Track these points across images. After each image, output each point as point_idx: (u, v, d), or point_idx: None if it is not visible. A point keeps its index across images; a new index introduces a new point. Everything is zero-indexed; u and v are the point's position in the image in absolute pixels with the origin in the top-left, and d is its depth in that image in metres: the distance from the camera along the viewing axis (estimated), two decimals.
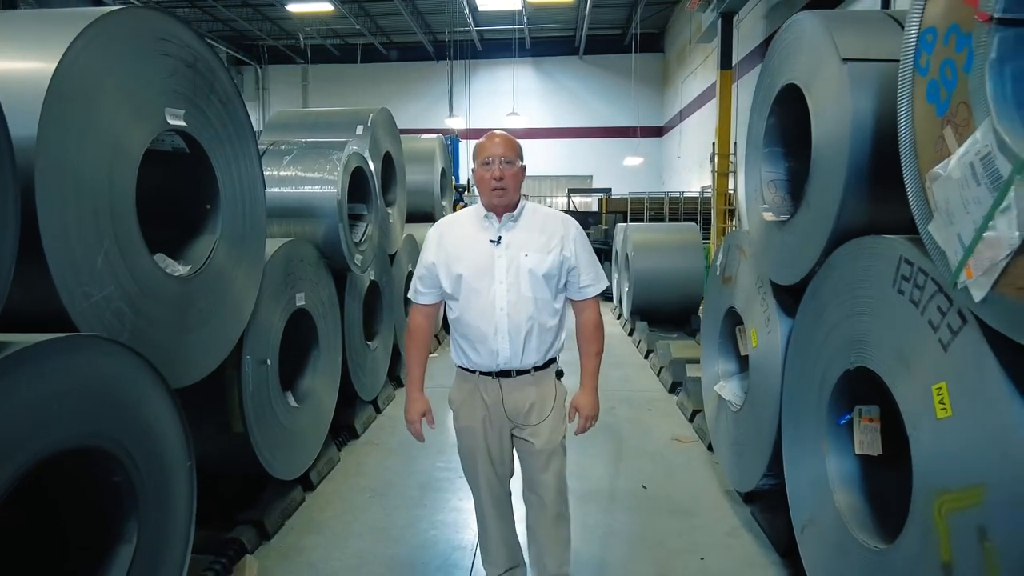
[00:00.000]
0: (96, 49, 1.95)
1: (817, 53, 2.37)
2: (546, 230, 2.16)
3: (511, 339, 2.11)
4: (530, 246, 2.12)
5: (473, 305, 2.13)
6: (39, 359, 1.56)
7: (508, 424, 2.21)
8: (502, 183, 2.09)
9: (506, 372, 2.17)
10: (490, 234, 2.14)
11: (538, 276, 2.10)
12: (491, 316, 2.11)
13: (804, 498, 2.50)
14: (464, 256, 2.14)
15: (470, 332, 2.15)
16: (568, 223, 2.22)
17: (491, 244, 2.13)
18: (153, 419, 2.02)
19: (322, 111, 5.67)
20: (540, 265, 2.10)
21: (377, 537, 3.18)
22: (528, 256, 2.10)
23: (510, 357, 2.13)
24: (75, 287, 1.88)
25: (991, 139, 1.42)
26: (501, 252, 2.12)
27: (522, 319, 2.11)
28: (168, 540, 2.10)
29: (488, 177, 2.09)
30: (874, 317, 2.00)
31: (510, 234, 2.14)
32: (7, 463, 1.47)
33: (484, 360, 2.16)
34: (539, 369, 2.19)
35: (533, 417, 2.19)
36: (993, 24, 1.44)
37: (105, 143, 2.00)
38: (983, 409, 1.50)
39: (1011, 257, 1.37)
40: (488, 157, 2.11)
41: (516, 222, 2.16)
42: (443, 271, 2.17)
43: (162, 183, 2.59)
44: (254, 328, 2.95)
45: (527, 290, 2.10)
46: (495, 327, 2.11)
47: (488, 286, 2.11)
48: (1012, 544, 1.39)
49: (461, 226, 2.22)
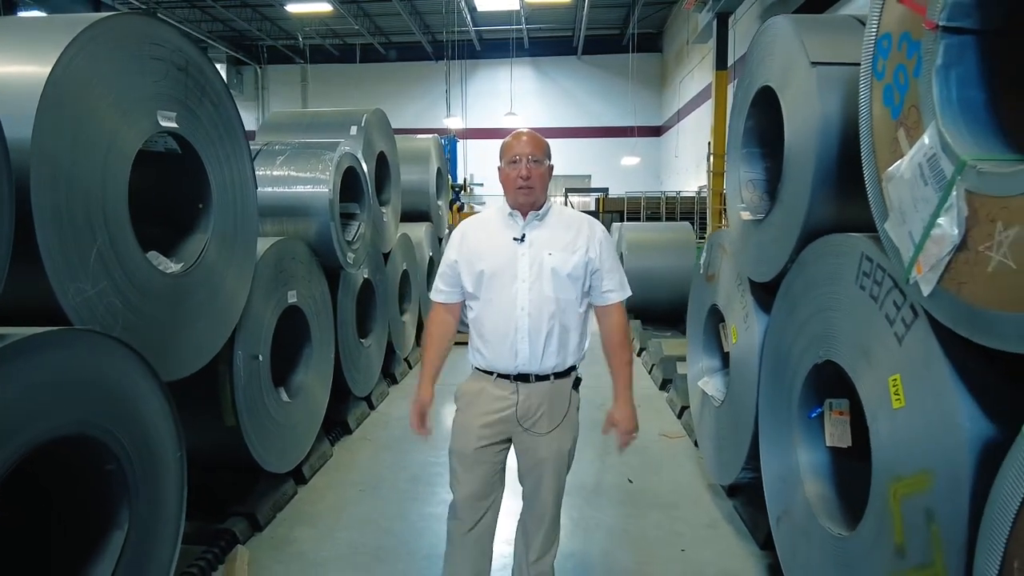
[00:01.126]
0: (89, 54, 2.02)
1: (789, 56, 2.45)
2: (571, 230, 2.12)
3: (531, 340, 2.06)
4: (554, 245, 2.08)
5: (494, 303, 2.09)
6: (34, 350, 1.64)
7: (515, 428, 2.14)
8: (529, 182, 2.06)
9: (524, 376, 2.10)
10: (514, 232, 2.11)
11: (561, 276, 2.06)
12: (511, 315, 2.06)
13: (778, 490, 2.58)
14: (487, 253, 2.11)
15: (489, 332, 2.11)
16: (595, 226, 2.18)
17: (515, 242, 2.09)
18: (144, 410, 2.09)
19: (317, 112, 5.75)
20: (564, 265, 2.06)
21: (367, 528, 3.25)
22: (552, 255, 2.06)
23: (529, 359, 2.07)
24: (68, 283, 1.95)
25: (936, 141, 1.50)
26: (524, 250, 2.08)
27: (543, 319, 2.05)
28: (159, 527, 2.17)
29: (515, 176, 2.06)
30: (839, 312, 2.07)
31: (534, 232, 2.10)
32: (3, 448, 1.54)
33: (503, 361, 2.10)
34: (559, 376, 2.13)
35: (543, 425, 2.13)
36: (939, 32, 1.51)
37: (98, 145, 2.07)
38: (931, 399, 1.58)
39: (952, 253, 1.44)
40: (516, 155, 2.07)
41: (541, 221, 2.12)
42: (465, 268, 2.14)
43: (155, 183, 2.67)
44: (246, 324, 3.03)
45: (549, 290, 2.06)
46: (515, 326, 2.06)
47: (510, 284, 2.07)
48: (951, 526, 1.47)
49: (485, 224, 2.19)
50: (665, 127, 20.76)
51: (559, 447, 2.16)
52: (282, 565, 2.93)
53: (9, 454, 1.56)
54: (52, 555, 2.05)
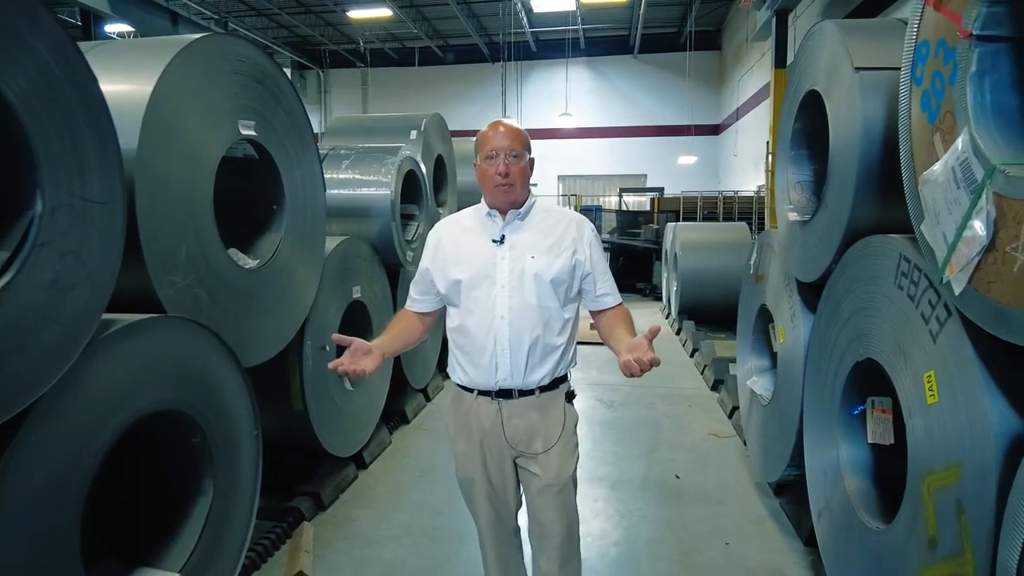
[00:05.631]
0: (182, 73, 2.26)
1: (834, 61, 2.49)
2: (556, 231, 1.93)
3: (512, 352, 1.87)
4: (537, 248, 1.90)
5: (472, 313, 1.90)
6: (139, 333, 1.88)
7: (509, 452, 1.96)
8: (508, 179, 1.87)
9: (506, 392, 1.91)
10: (492, 234, 1.92)
11: (545, 281, 1.87)
12: (490, 325, 1.87)
13: (820, 485, 2.63)
14: (463, 259, 1.93)
15: (467, 343, 1.92)
16: (583, 224, 1.98)
17: (493, 245, 1.91)
18: (226, 391, 2.33)
19: (378, 116, 6.01)
20: (548, 269, 1.87)
21: (422, 512, 3.44)
22: (535, 259, 1.88)
23: (511, 373, 1.88)
24: (163, 276, 2.20)
25: (968, 146, 1.56)
26: (504, 253, 1.89)
27: (525, 329, 1.86)
28: (237, 498, 2.41)
29: (492, 172, 1.88)
30: (879, 311, 2.12)
31: (515, 234, 1.92)
32: (115, 416, 1.79)
33: (482, 376, 1.91)
34: (545, 390, 1.93)
35: (538, 444, 1.93)
36: (973, 40, 1.57)
37: (188, 152, 2.32)
38: (961, 395, 1.63)
39: (982, 254, 1.50)
40: (492, 150, 1.89)
41: (523, 221, 1.94)
42: (439, 276, 1.97)
43: (234, 186, 2.92)
44: (314, 317, 3.26)
45: (531, 296, 1.87)
46: (494, 337, 1.87)
47: (488, 291, 1.88)
48: (979, 517, 1.52)
49: (461, 226, 2.01)
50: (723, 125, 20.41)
51: (559, 471, 1.94)
52: (344, 542, 3.15)
53: (121, 420, 1.80)
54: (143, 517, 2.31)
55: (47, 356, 1.55)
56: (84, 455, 1.71)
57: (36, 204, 1.52)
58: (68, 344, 1.61)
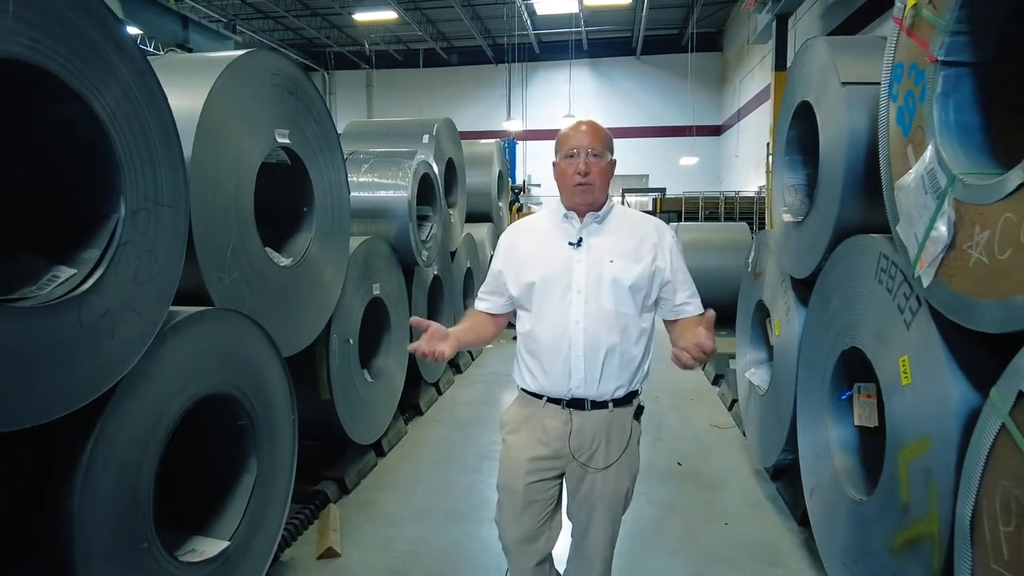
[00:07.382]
0: (229, 87, 2.49)
1: (823, 75, 2.71)
2: (636, 235, 1.87)
3: (587, 359, 1.81)
4: (616, 252, 1.83)
5: (545, 317, 1.85)
6: (198, 323, 2.11)
7: (569, 462, 1.90)
8: (588, 179, 1.82)
9: (579, 402, 1.85)
10: (569, 236, 1.87)
11: (623, 287, 1.81)
12: (565, 330, 1.81)
13: (812, 465, 2.85)
14: (537, 261, 1.88)
15: (540, 349, 1.86)
16: (663, 230, 1.92)
17: (570, 247, 1.85)
18: (268, 378, 2.55)
19: (392, 121, 6.23)
20: (626, 274, 1.81)
21: (438, 495, 3.67)
22: (613, 263, 1.82)
23: (585, 381, 1.82)
24: (213, 272, 2.42)
25: (934, 157, 1.78)
26: (581, 256, 1.84)
27: (601, 336, 1.80)
28: (277, 476, 2.63)
29: (571, 172, 1.83)
30: (863, 304, 2.34)
31: (593, 237, 1.86)
32: (180, 396, 2.01)
33: (555, 384, 1.85)
34: (618, 404, 1.88)
35: (599, 459, 1.88)
36: (939, 64, 1.79)
37: (233, 160, 2.54)
38: (930, 375, 1.85)
39: (945, 252, 1.72)
40: (572, 148, 1.84)
41: (601, 224, 1.88)
42: (511, 279, 1.93)
43: (270, 190, 3.14)
44: (340, 312, 3.49)
45: (608, 302, 1.81)
46: (569, 343, 1.81)
47: (563, 295, 1.82)
48: (943, 480, 1.74)
49: (536, 228, 1.97)
50: (725, 126, 20.64)
51: (616, 487, 1.91)
52: (368, 523, 3.37)
53: (184, 401, 2.03)
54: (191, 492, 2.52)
55: (130, 342, 1.77)
56: (157, 428, 1.94)
57: (120, 208, 1.74)
58: (146, 331, 1.83)
